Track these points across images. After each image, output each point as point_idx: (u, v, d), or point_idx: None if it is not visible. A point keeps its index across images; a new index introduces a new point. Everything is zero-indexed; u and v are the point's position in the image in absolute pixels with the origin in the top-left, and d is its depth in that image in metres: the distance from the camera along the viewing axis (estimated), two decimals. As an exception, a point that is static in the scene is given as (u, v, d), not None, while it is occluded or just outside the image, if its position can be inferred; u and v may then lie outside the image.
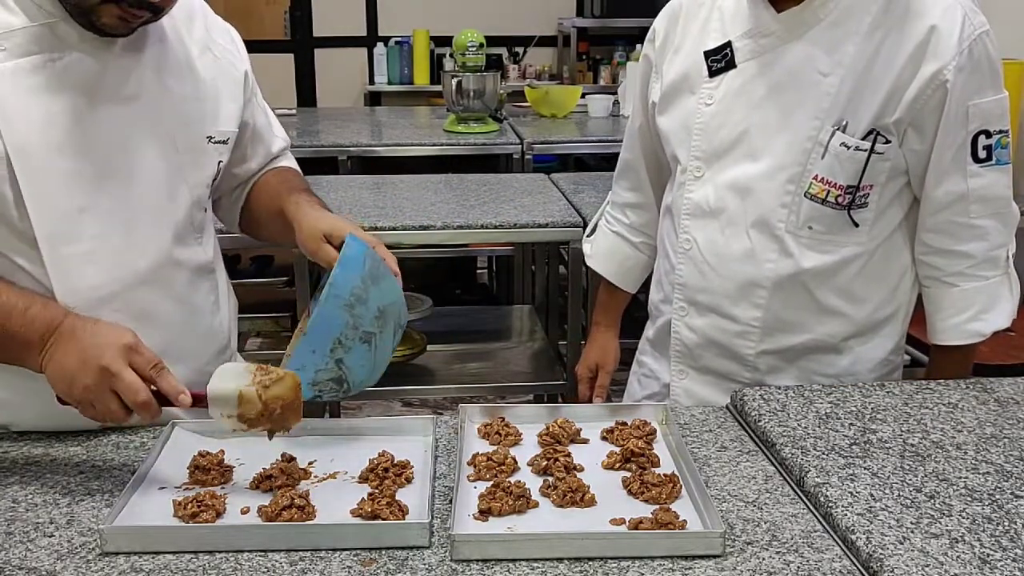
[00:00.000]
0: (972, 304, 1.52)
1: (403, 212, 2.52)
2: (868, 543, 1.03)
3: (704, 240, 1.54)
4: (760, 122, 1.48)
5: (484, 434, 1.31)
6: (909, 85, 1.41)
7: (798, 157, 1.45)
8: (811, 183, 1.45)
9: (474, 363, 2.78)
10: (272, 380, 1.16)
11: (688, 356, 1.62)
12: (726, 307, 1.54)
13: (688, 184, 1.55)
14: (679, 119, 1.57)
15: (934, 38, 1.39)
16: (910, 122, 1.43)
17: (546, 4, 6.56)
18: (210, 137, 1.42)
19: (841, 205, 1.45)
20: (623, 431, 1.30)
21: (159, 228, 1.36)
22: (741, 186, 1.50)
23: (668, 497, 1.14)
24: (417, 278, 4.47)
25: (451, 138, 3.73)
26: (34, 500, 1.17)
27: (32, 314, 1.20)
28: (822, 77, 1.43)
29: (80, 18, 1.24)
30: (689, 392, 1.63)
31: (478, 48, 3.77)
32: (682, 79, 1.56)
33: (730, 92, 1.50)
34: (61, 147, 1.26)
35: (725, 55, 1.50)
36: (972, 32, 1.40)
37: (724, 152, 1.51)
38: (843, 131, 1.42)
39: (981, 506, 1.11)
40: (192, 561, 1.03)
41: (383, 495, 1.12)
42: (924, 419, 1.34)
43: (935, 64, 1.39)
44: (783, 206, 1.48)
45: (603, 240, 1.85)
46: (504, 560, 1.02)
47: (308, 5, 6.48)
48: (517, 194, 2.78)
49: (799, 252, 1.49)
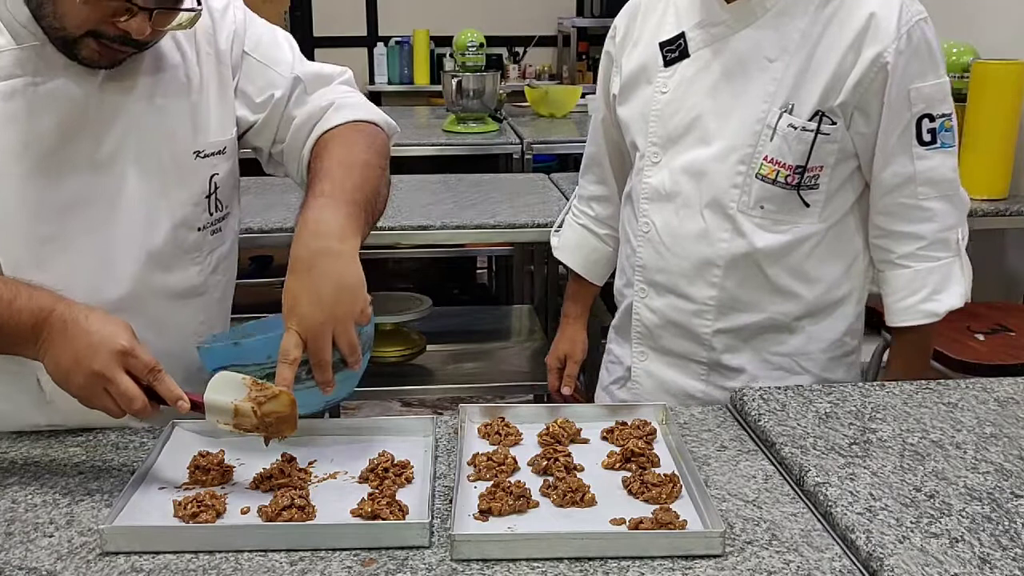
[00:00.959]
0: (925, 285, 1.56)
1: (402, 212, 2.52)
2: (868, 542, 1.03)
3: (661, 222, 1.60)
4: (712, 107, 1.54)
5: (484, 434, 1.31)
6: (852, 69, 1.47)
7: (748, 139, 1.52)
8: (761, 164, 1.52)
9: (473, 363, 2.79)
10: (267, 397, 1.15)
11: (648, 337, 1.67)
12: (683, 287, 1.60)
13: (646, 170, 1.62)
14: (637, 108, 1.63)
15: (873, 24, 1.46)
16: (855, 105, 1.49)
17: (546, 4, 6.57)
18: (198, 152, 1.35)
19: (791, 185, 1.52)
20: (623, 431, 1.30)
21: (133, 256, 1.31)
22: (695, 169, 1.56)
23: (668, 497, 1.14)
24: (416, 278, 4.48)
25: (451, 138, 3.73)
26: (34, 500, 1.17)
27: (18, 306, 1.16)
28: (769, 63, 1.51)
29: (62, 48, 1.21)
30: (649, 373, 1.69)
31: (478, 48, 3.77)
32: (640, 70, 1.63)
33: (684, 80, 1.57)
34: (32, 175, 1.23)
35: (679, 45, 1.57)
36: (910, 18, 1.47)
37: (679, 137, 1.57)
38: (790, 113, 1.49)
39: (981, 505, 1.11)
40: (192, 561, 1.03)
41: (383, 495, 1.12)
42: (924, 418, 1.34)
43: (875, 48, 1.46)
44: (735, 187, 1.54)
45: (570, 233, 1.90)
46: (504, 560, 1.02)
47: (308, 5, 6.49)
48: (516, 194, 2.78)
49: (751, 231, 1.54)
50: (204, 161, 1.36)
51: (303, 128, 1.42)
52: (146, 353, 1.15)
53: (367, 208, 1.28)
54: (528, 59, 6.51)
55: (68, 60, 1.23)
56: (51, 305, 1.17)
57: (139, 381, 1.15)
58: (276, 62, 1.44)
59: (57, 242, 1.26)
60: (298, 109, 1.43)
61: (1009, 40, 2.85)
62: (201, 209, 1.38)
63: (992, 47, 2.78)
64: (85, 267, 1.28)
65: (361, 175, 1.31)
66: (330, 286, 1.17)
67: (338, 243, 1.19)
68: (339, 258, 1.18)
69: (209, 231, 1.41)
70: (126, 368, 1.14)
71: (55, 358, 1.16)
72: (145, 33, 1.19)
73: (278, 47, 1.45)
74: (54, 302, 1.17)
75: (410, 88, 6.42)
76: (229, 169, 1.42)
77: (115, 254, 1.30)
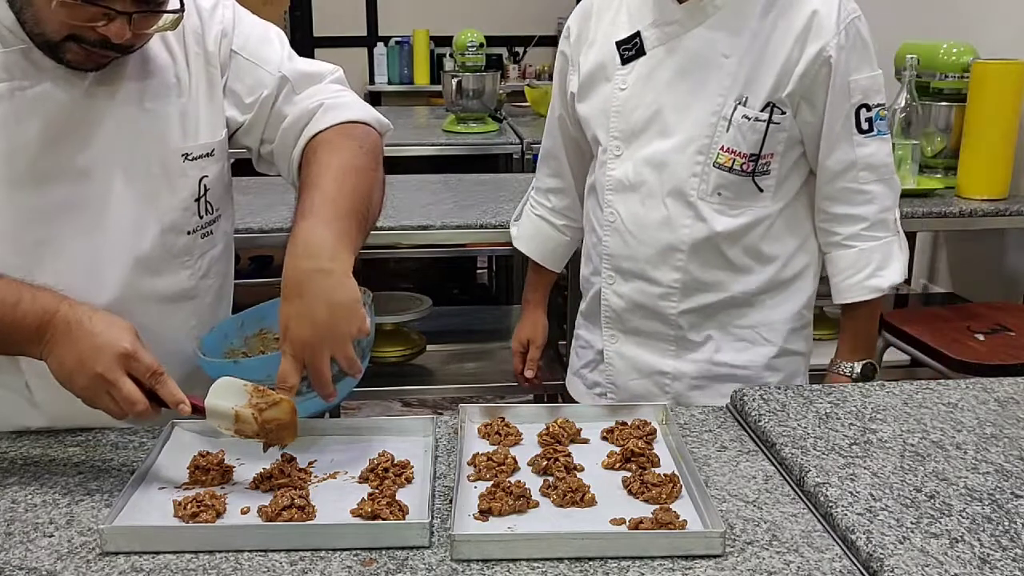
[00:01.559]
0: (869, 262, 1.67)
1: (402, 212, 2.52)
2: (868, 543, 1.03)
3: (626, 212, 1.69)
4: (670, 102, 1.63)
5: (484, 434, 1.31)
6: (798, 62, 1.58)
7: (705, 131, 1.61)
8: (718, 154, 1.61)
9: (473, 363, 2.78)
10: (268, 404, 1.16)
11: (617, 321, 1.76)
12: (649, 272, 1.69)
13: (609, 163, 1.70)
14: (597, 104, 1.71)
15: (816, 21, 1.57)
16: (802, 95, 1.60)
17: (546, 4, 6.57)
18: (186, 155, 1.34)
19: (746, 172, 1.62)
20: (623, 431, 1.30)
21: (122, 262, 1.30)
22: (657, 161, 1.65)
23: (668, 497, 1.14)
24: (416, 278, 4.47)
25: (450, 138, 3.73)
26: (34, 500, 1.16)
27: (23, 309, 1.16)
28: (724, 59, 1.60)
29: (47, 51, 1.20)
30: (620, 354, 1.77)
31: (478, 48, 3.77)
32: (598, 68, 1.70)
33: (641, 77, 1.65)
34: (22, 180, 1.22)
35: (635, 44, 1.65)
36: (847, 16, 1.59)
37: (640, 131, 1.66)
38: (744, 105, 1.59)
39: (981, 506, 1.11)
40: (192, 561, 1.03)
41: (383, 495, 1.12)
42: (924, 419, 1.34)
43: (818, 43, 1.57)
44: (694, 175, 1.63)
45: (528, 223, 1.99)
46: (504, 560, 1.02)
47: (308, 5, 6.49)
48: (516, 194, 2.78)
49: (711, 216, 1.64)
50: (193, 164, 1.34)
51: (292, 129, 1.40)
52: (149, 356, 1.15)
53: (359, 218, 1.27)
54: (528, 59, 6.51)
55: (55, 64, 1.22)
56: (55, 306, 1.17)
57: (141, 384, 1.15)
58: (265, 60, 1.41)
59: (45, 248, 1.25)
60: (287, 108, 1.41)
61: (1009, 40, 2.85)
62: (191, 213, 1.36)
63: (992, 47, 2.78)
64: (73, 273, 1.27)
65: (352, 185, 1.29)
66: (323, 307, 1.15)
67: (329, 262, 1.18)
68: (330, 277, 1.17)
69: (199, 234, 1.39)
70: (128, 371, 1.14)
71: (59, 359, 1.16)
72: (125, 37, 1.18)
73: (268, 44, 1.42)
74: (58, 303, 1.17)
75: (410, 88, 6.42)
76: (219, 171, 1.40)
77: (103, 259, 1.29)
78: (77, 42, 1.18)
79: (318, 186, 1.27)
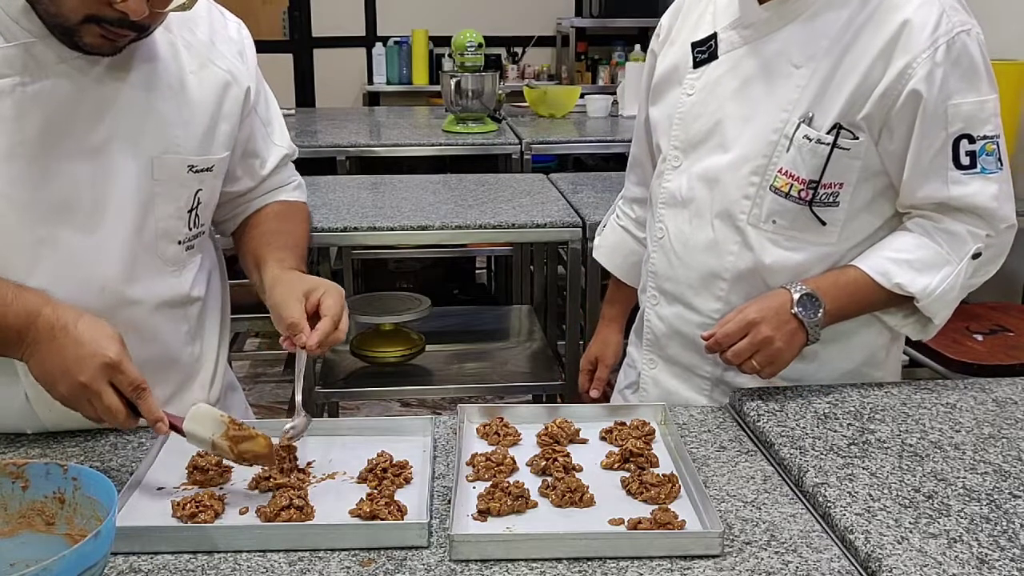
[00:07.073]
0: (908, 253, 1.41)
1: (402, 212, 2.52)
2: (866, 543, 1.03)
3: (674, 229, 1.54)
4: (732, 113, 1.47)
5: (483, 434, 1.31)
6: (879, 81, 1.37)
7: (763, 149, 1.44)
8: (776, 176, 1.43)
9: (472, 363, 2.78)
10: (244, 437, 1.16)
11: (657, 345, 1.61)
12: (689, 297, 1.53)
13: (667, 173, 1.56)
14: (665, 109, 1.58)
15: (906, 32, 1.35)
16: (882, 120, 1.38)
17: (545, 4, 6.57)
18: (192, 166, 1.34)
19: (803, 200, 1.42)
20: (622, 431, 1.30)
21: (117, 264, 1.30)
22: (710, 176, 1.49)
23: (667, 497, 1.14)
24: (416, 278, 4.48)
25: (450, 138, 3.73)
26: (33, 500, 1.16)
27: (3, 309, 1.16)
28: (794, 69, 1.42)
29: (63, 37, 1.19)
30: (656, 382, 1.62)
31: (477, 48, 3.77)
32: (672, 70, 1.57)
33: (709, 83, 1.50)
34: (23, 178, 1.22)
35: (710, 46, 1.50)
36: (950, 29, 1.35)
37: (699, 142, 1.51)
38: (808, 124, 1.40)
39: (979, 506, 1.11)
40: (191, 561, 1.03)
41: (382, 495, 1.12)
42: (922, 419, 1.34)
43: (904, 59, 1.35)
44: (746, 197, 1.45)
45: (611, 234, 1.84)
46: (503, 560, 1.02)
47: (307, 5, 6.49)
48: (516, 194, 2.78)
49: (760, 246, 1.46)
50: (194, 176, 1.35)
51: (258, 190, 1.52)
52: (133, 370, 1.15)
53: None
54: (527, 59, 6.51)
55: (60, 56, 1.21)
56: (38, 308, 1.16)
57: (123, 395, 1.15)
58: (279, 135, 1.54)
59: (47, 246, 1.25)
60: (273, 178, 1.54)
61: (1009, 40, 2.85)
62: (183, 224, 1.37)
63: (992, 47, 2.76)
64: (71, 273, 1.26)
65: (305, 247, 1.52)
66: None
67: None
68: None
69: (185, 247, 1.39)
70: (112, 382, 1.14)
71: (41, 363, 1.16)
72: (143, 14, 1.17)
73: (277, 116, 1.54)
74: (41, 304, 1.17)
75: (409, 88, 6.41)
76: (213, 188, 1.41)
77: (100, 261, 1.29)
78: (96, 22, 1.17)
79: (291, 248, 1.46)
